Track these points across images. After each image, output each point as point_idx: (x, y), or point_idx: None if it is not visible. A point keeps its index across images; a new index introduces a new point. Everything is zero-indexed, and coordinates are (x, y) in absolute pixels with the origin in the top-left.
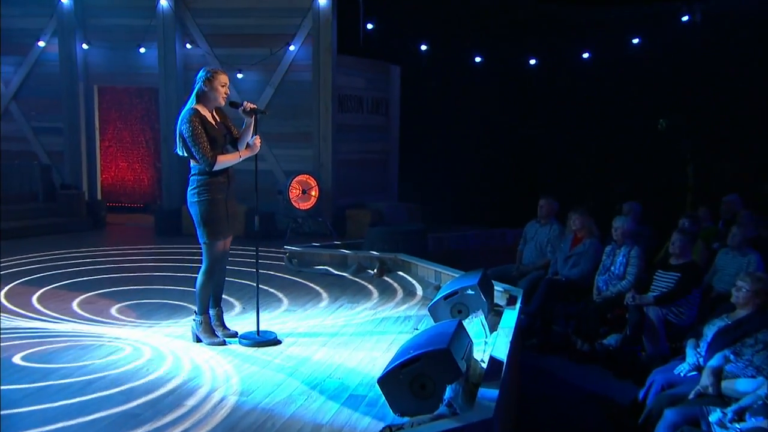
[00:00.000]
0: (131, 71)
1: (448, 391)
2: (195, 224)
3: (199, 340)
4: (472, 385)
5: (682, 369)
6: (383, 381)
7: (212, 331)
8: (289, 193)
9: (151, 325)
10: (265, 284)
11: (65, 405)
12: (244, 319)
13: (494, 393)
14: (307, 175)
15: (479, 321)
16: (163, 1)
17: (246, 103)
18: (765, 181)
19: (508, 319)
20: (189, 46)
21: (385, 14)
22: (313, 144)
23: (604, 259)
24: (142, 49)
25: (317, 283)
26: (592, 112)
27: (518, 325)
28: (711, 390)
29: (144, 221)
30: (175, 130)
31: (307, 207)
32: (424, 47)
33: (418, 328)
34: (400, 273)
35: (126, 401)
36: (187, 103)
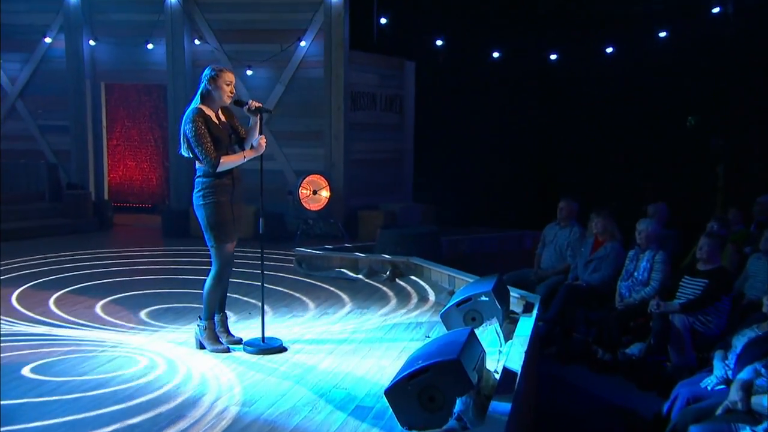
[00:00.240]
0: (139, 68)
1: (458, 404)
2: (202, 228)
3: (202, 346)
4: (483, 398)
5: (710, 382)
6: (390, 392)
7: (216, 337)
8: (299, 194)
9: (155, 330)
10: (271, 289)
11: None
12: (249, 326)
13: (507, 406)
14: (318, 175)
15: (493, 329)
16: None
17: (251, 102)
18: None
19: (524, 328)
20: (197, 41)
21: (399, 8)
22: (324, 143)
23: (627, 263)
24: (150, 45)
25: (326, 287)
26: (615, 110)
27: (535, 333)
28: (740, 406)
29: (152, 222)
30: (179, 130)
31: (318, 208)
32: (440, 42)
33: (430, 335)
34: (412, 277)
35: (125, 412)
36: (192, 102)
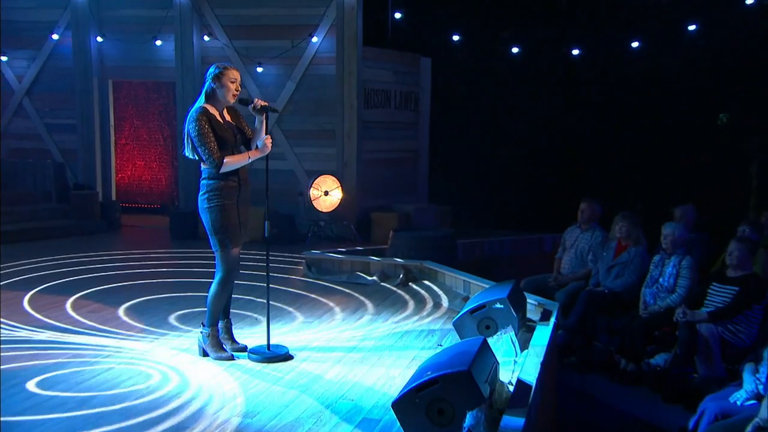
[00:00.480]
0: (147, 65)
1: (469, 419)
2: (207, 232)
3: (205, 354)
4: (496, 412)
5: (739, 397)
6: (398, 404)
7: (220, 344)
8: (310, 195)
9: (158, 336)
10: (279, 294)
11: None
12: (255, 332)
13: (520, 421)
14: (330, 175)
15: (508, 338)
16: None
17: (256, 100)
18: None
19: (541, 337)
20: (207, 38)
21: (414, 2)
22: (336, 142)
23: (651, 269)
24: (159, 42)
25: (336, 292)
26: (642, 107)
27: (553, 342)
28: None
29: (160, 223)
30: (183, 130)
31: (330, 209)
32: (457, 37)
33: (442, 344)
34: (426, 282)
35: (124, 422)
36: (196, 101)
